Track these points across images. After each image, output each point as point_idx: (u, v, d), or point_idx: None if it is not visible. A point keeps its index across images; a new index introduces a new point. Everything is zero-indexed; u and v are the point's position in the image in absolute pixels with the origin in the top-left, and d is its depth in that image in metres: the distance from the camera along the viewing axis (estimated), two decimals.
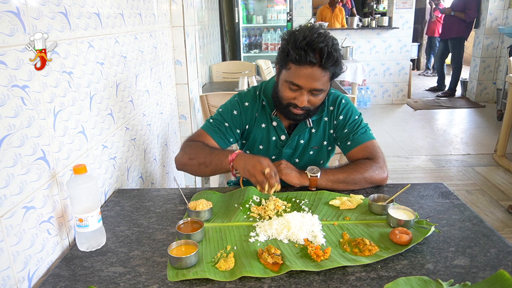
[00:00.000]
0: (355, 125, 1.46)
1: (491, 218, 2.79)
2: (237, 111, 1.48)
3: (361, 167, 1.38)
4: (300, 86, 1.30)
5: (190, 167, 1.41)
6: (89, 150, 1.31)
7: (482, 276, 0.93)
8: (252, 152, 1.54)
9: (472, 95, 6.23)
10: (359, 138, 1.44)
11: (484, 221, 1.17)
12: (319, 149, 1.53)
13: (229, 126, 1.48)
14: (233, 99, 1.52)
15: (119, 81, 1.57)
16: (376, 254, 1.01)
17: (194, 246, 1.00)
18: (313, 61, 1.25)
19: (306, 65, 1.26)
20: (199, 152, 1.38)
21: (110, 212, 1.29)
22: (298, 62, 1.26)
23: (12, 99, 0.92)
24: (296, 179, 1.34)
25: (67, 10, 1.17)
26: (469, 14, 5.91)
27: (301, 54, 1.24)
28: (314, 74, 1.27)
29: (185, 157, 1.41)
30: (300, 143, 1.51)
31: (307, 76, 1.28)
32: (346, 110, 1.48)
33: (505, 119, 3.66)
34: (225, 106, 1.52)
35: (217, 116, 1.50)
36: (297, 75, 1.29)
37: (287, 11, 5.56)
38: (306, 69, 1.27)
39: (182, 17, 2.37)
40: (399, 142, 4.45)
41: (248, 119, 1.50)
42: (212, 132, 1.47)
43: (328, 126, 1.51)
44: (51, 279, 0.96)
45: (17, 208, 0.93)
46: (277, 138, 1.50)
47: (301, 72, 1.28)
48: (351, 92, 5.26)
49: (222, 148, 1.47)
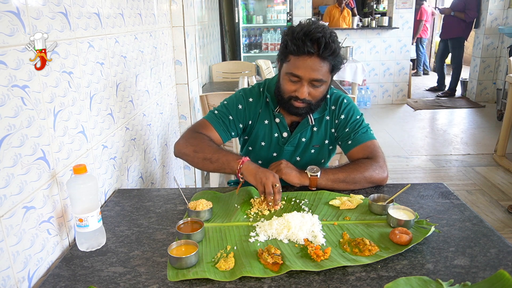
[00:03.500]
0: (356, 125, 1.47)
1: (491, 218, 2.79)
2: (242, 106, 1.49)
3: (361, 166, 1.38)
4: (300, 77, 1.31)
5: (192, 159, 1.39)
6: (89, 150, 1.31)
7: (482, 276, 0.93)
8: (254, 148, 1.55)
9: (472, 95, 6.23)
10: (360, 137, 1.45)
11: (484, 221, 1.17)
12: (321, 147, 1.54)
13: (233, 119, 1.48)
14: (238, 93, 1.53)
15: (119, 81, 1.57)
16: (376, 254, 1.01)
17: (194, 246, 1.00)
18: (311, 50, 1.26)
19: (304, 55, 1.28)
20: (206, 148, 1.37)
21: (110, 212, 1.29)
22: (297, 53, 1.28)
23: (12, 99, 0.92)
24: (296, 178, 1.34)
25: (67, 10, 1.17)
26: (469, 14, 5.91)
27: (299, 44, 1.26)
28: (313, 64, 1.29)
29: (189, 148, 1.39)
30: (302, 141, 1.51)
31: (306, 66, 1.29)
32: (348, 109, 1.49)
33: (505, 119, 3.66)
34: (230, 99, 1.52)
35: (221, 108, 1.50)
36: (296, 66, 1.30)
37: (287, 11, 5.56)
38: (305, 59, 1.28)
39: (182, 17, 2.37)
40: (399, 142, 4.46)
41: (252, 115, 1.51)
42: (216, 123, 1.47)
43: (329, 125, 1.51)
44: (51, 279, 0.96)
45: (17, 208, 0.93)
46: (279, 135, 1.51)
47: (300, 62, 1.29)
48: (351, 92, 5.26)
49: (223, 141, 1.49)
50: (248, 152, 1.58)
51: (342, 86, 4.93)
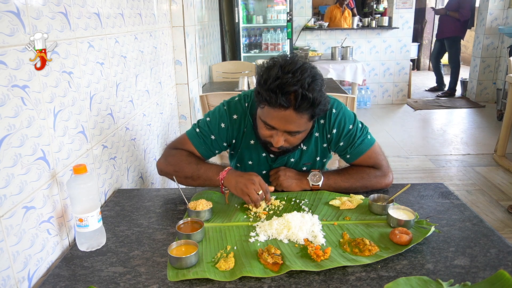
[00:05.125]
0: (351, 137, 1.35)
1: (491, 218, 2.79)
2: (224, 124, 1.37)
3: (364, 177, 1.36)
4: (274, 127, 1.21)
5: (176, 178, 1.33)
6: (89, 150, 1.31)
7: (482, 276, 0.93)
8: (242, 165, 1.49)
9: (472, 95, 6.22)
10: (357, 150, 1.36)
11: (484, 221, 1.17)
12: (312, 165, 1.46)
13: (215, 139, 1.38)
14: (222, 108, 1.39)
15: (119, 81, 1.57)
16: (376, 254, 1.01)
17: (194, 246, 1.00)
18: (285, 104, 1.13)
19: (278, 108, 1.15)
20: (185, 166, 1.33)
21: (110, 212, 1.29)
22: (269, 105, 1.16)
23: (12, 99, 0.92)
24: (298, 188, 1.36)
25: (67, 10, 1.17)
26: (463, 13, 5.96)
27: (272, 97, 1.13)
28: (288, 117, 1.16)
29: (169, 168, 1.36)
30: (291, 161, 1.43)
31: (280, 118, 1.17)
32: (339, 121, 1.35)
33: (505, 119, 3.66)
34: (213, 116, 1.39)
35: (203, 125, 1.39)
36: (270, 116, 1.19)
37: (287, 11, 5.55)
38: (279, 111, 1.16)
39: (182, 17, 2.37)
40: (399, 142, 4.45)
41: (235, 133, 1.40)
42: (197, 142, 1.38)
43: (320, 141, 1.40)
44: (51, 279, 0.96)
45: (17, 208, 0.93)
46: (267, 154, 1.42)
47: (274, 113, 1.17)
48: (351, 92, 5.26)
49: (206, 158, 1.42)
50: (237, 168, 1.51)
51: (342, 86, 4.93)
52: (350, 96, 2.12)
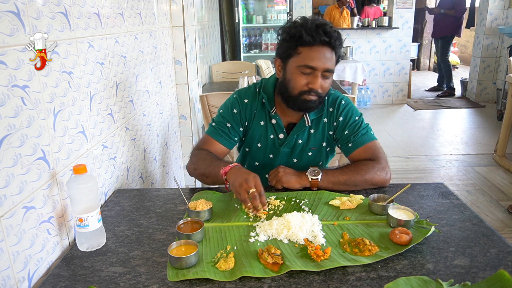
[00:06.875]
0: (356, 126, 1.44)
1: (491, 218, 2.79)
2: (236, 109, 1.48)
3: (362, 169, 1.37)
4: (314, 68, 1.31)
5: (196, 177, 1.44)
6: (89, 150, 1.31)
7: (482, 276, 0.93)
8: (251, 150, 1.54)
9: (472, 95, 6.23)
10: (360, 139, 1.43)
11: (484, 221, 1.17)
12: (318, 150, 1.52)
13: (232, 126, 1.48)
14: (232, 97, 1.51)
15: (119, 81, 1.57)
16: (376, 254, 1.01)
17: (194, 246, 1.00)
18: (326, 39, 1.29)
19: (319, 45, 1.29)
20: (201, 163, 1.40)
21: (110, 212, 1.29)
22: (312, 43, 1.29)
23: (12, 99, 0.92)
24: (297, 183, 1.36)
25: (67, 10, 1.17)
26: (459, 10, 6.00)
27: (314, 35, 1.28)
28: (326, 54, 1.31)
29: (191, 167, 1.44)
30: (298, 143, 1.49)
31: (320, 57, 1.30)
32: (346, 111, 1.46)
33: (505, 119, 3.66)
34: (225, 106, 1.51)
35: (218, 118, 1.50)
36: (310, 57, 1.30)
37: (287, 11, 5.55)
38: (318, 49, 1.30)
39: (182, 17, 2.37)
40: (399, 142, 4.45)
41: (248, 116, 1.49)
42: (217, 135, 1.47)
43: (327, 127, 1.49)
44: (51, 279, 0.96)
45: (17, 208, 0.93)
46: (275, 136, 1.49)
47: (314, 53, 1.30)
48: (351, 92, 5.26)
49: (229, 149, 1.50)
50: (245, 153, 1.58)
51: (342, 86, 4.93)
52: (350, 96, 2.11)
